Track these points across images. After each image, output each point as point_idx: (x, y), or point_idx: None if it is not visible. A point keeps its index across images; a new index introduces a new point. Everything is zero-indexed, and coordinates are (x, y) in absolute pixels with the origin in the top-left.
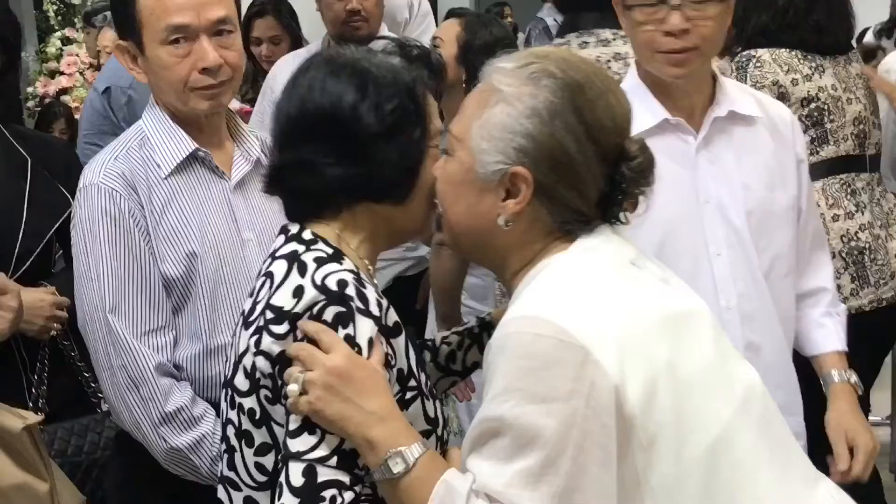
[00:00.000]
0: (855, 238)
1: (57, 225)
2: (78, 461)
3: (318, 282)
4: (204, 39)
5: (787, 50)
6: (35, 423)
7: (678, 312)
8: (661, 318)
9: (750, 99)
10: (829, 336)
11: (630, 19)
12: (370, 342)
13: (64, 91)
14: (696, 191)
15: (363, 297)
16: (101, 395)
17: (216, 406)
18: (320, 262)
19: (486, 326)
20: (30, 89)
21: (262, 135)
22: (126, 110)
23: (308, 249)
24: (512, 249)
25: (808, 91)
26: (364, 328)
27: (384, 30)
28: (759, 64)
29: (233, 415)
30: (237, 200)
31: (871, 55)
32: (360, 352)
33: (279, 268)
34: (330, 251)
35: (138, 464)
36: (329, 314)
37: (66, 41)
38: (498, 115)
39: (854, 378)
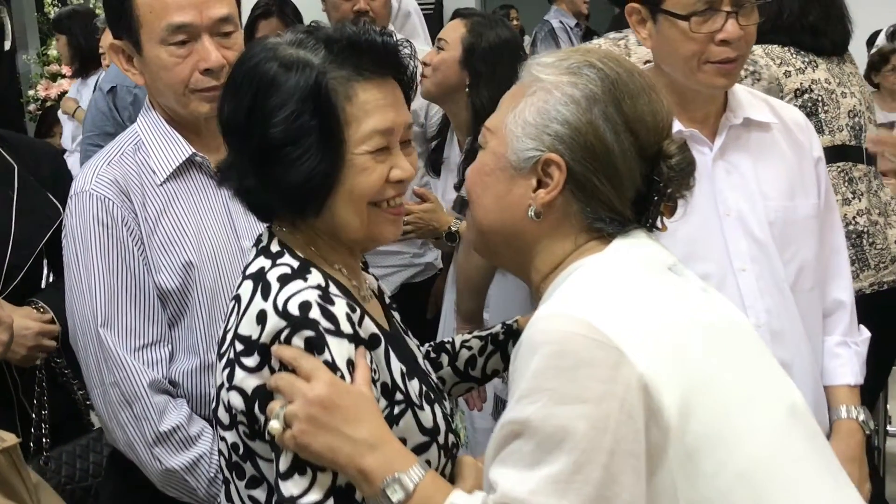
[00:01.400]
0: (853, 222)
1: (48, 235)
2: (86, 486)
3: (280, 306)
4: (206, 39)
5: (780, 46)
6: (14, 445)
7: (720, 323)
8: (702, 328)
9: (763, 105)
10: (842, 367)
11: (674, 29)
12: (350, 363)
13: (65, 94)
14: (716, 204)
15: (330, 317)
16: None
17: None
18: (284, 280)
19: (512, 333)
20: (31, 92)
21: None
22: (132, 109)
23: (273, 265)
24: (541, 247)
25: (801, 83)
26: (340, 350)
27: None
28: (752, 59)
29: (222, 446)
30: (236, 207)
31: (886, 59)
32: (342, 377)
33: (246, 290)
34: (296, 265)
35: (132, 485)
36: (298, 341)
37: None
38: (535, 102)
39: (862, 416)
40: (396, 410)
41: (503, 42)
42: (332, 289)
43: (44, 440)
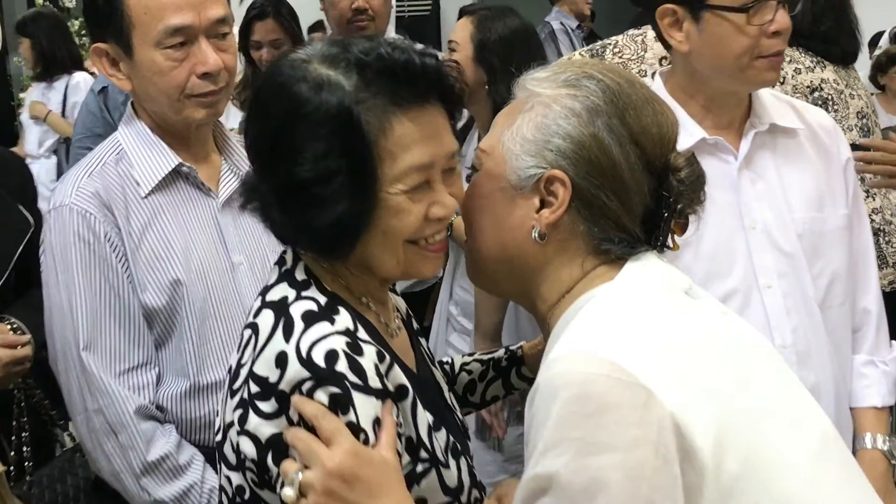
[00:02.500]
0: (869, 220)
1: (20, 249)
2: None
3: (304, 353)
4: (203, 41)
5: (789, 45)
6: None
7: (743, 350)
8: (726, 357)
9: (787, 108)
10: (868, 388)
11: (725, 24)
12: (376, 423)
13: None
14: (741, 216)
15: (358, 370)
16: (61, 437)
17: (205, 449)
18: (309, 319)
19: (516, 360)
20: (22, 95)
21: None
22: (123, 109)
23: (298, 297)
24: (545, 273)
25: (812, 81)
26: (366, 409)
27: (391, 31)
28: None
29: (225, 483)
30: (226, 220)
31: (893, 61)
32: (366, 440)
33: (265, 321)
34: (323, 301)
35: None
36: (322, 396)
37: None
38: (533, 118)
39: (888, 445)
40: (420, 469)
41: (514, 32)
42: (361, 332)
43: (25, 464)
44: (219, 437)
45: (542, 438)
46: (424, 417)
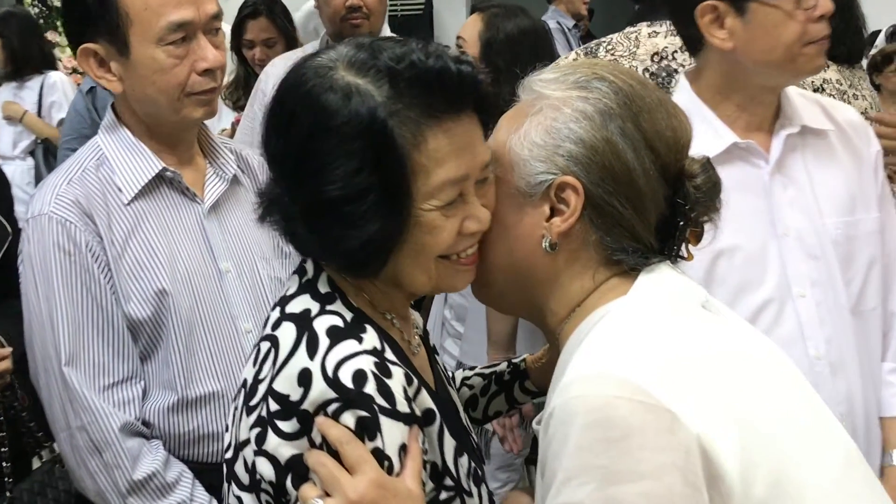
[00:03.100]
0: None
1: None
2: None
3: (330, 372)
4: (202, 37)
5: None
6: None
7: (763, 365)
8: (747, 374)
9: (816, 108)
10: (894, 397)
11: (774, 13)
12: (402, 450)
13: None
14: (773, 223)
15: (387, 393)
16: (41, 448)
17: (194, 465)
18: (335, 336)
19: (519, 374)
20: None
21: (237, 146)
22: None
23: (322, 311)
24: (555, 285)
25: (813, 82)
26: (393, 435)
27: (386, 30)
28: None
29: (233, 500)
30: (212, 226)
31: (889, 59)
32: (390, 467)
33: (287, 335)
34: (349, 317)
35: None
36: (349, 419)
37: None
38: (541, 121)
39: None
40: (444, 496)
41: (522, 32)
42: (388, 352)
43: (6, 479)
44: (229, 455)
45: (561, 467)
46: (451, 443)
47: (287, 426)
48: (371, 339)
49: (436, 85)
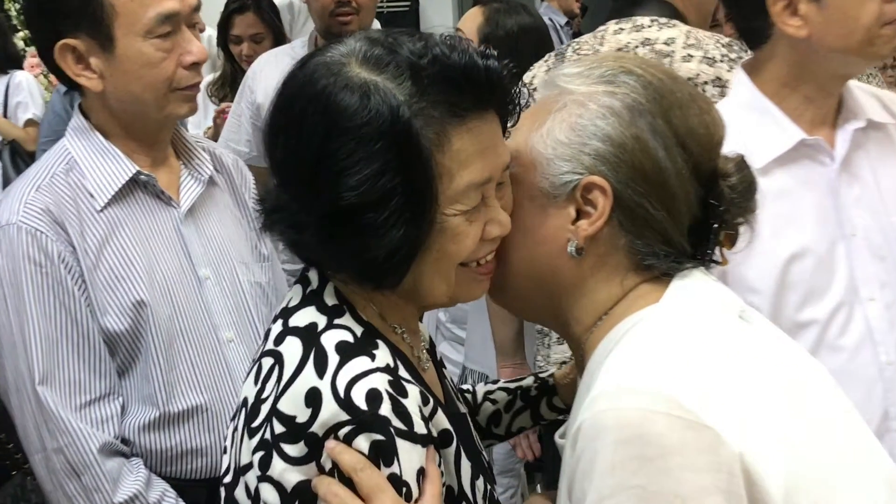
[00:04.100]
0: None
1: None
2: None
3: (342, 392)
4: (186, 30)
5: None
6: None
7: (803, 381)
8: (787, 390)
9: (874, 101)
10: None
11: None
12: (420, 474)
13: None
14: (840, 223)
15: (403, 414)
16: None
17: (176, 483)
18: (346, 353)
19: (546, 389)
20: None
21: (210, 145)
22: None
23: (330, 325)
24: (581, 292)
25: None
26: (411, 458)
27: (375, 26)
28: None
29: None
30: (189, 231)
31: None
32: (408, 494)
33: (292, 351)
34: (359, 331)
35: None
36: (363, 443)
37: (30, 42)
38: (566, 118)
39: None
40: None
41: (522, 30)
42: (402, 370)
43: None
44: (228, 479)
45: (592, 486)
46: (467, 467)
47: (293, 450)
48: (384, 355)
49: (463, 82)
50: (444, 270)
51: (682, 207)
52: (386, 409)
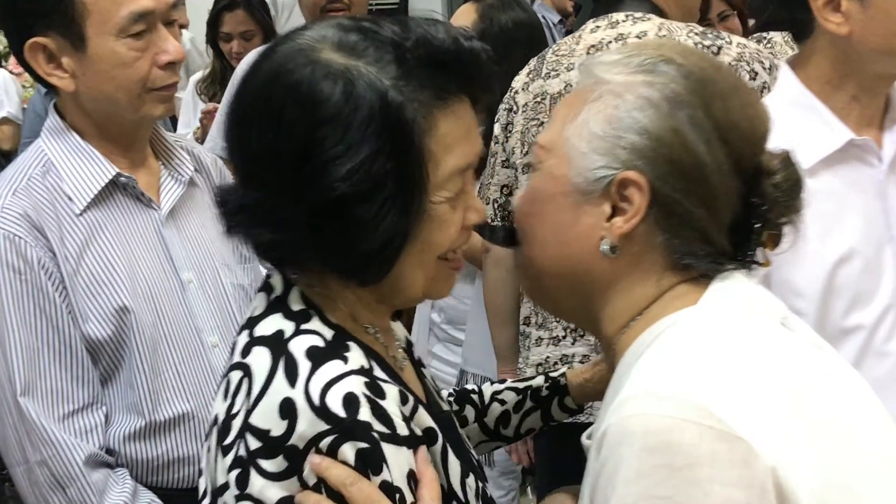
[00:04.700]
0: None
1: None
2: None
3: (317, 400)
4: (162, 28)
5: None
6: None
7: (842, 394)
8: (825, 403)
9: None
10: None
11: None
12: (410, 477)
13: None
14: (888, 225)
15: (383, 416)
16: None
17: (163, 492)
18: (317, 358)
19: (558, 389)
20: None
21: (189, 144)
22: None
23: (298, 331)
24: (614, 291)
25: None
26: (399, 462)
27: None
28: (769, 45)
29: None
30: (170, 233)
31: None
32: (402, 500)
33: (260, 362)
34: (329, 335)
35: None
36: (348, 453)
37: None
38: (601, 109)
39: None
40: None
41: (517, 25)
42: (377, 371)
43: None
44: (206, 500)
45: (616, 494)
46: (456, 465)
47: (272, 465)
48: (357, 357)
49: (450, 63)
50: (427, 262)
51: (722, 205)
52: (365, 414)
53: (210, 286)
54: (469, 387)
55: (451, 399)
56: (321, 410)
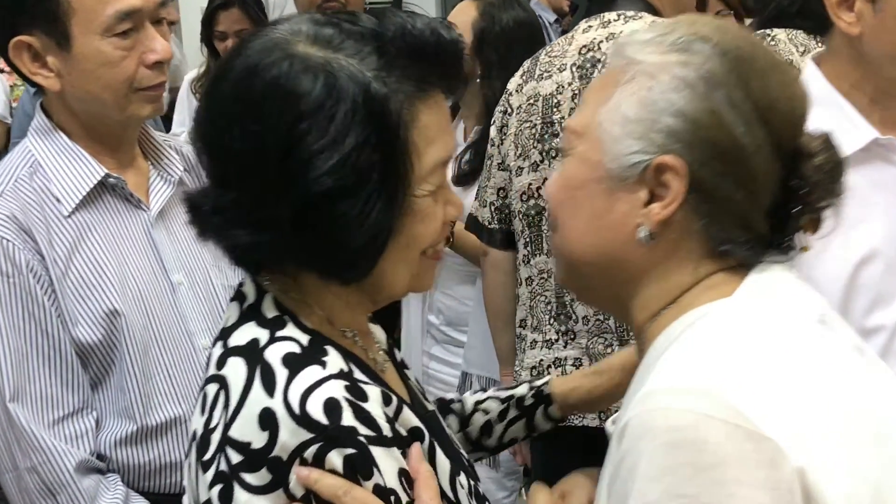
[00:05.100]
0: None
1: None
2: None
3: (296, 407)
4: (149, 27)
5: (806, 32)
6: None
7: (879, 398)
8: (864, 409)
9: None
10: None
11: None
12: (402, 476)
13: None
14: None
15: (367, 419)
16: None
17: (155, 498)
18: (294, 365)
19: (542, 398)
20: None
21: (179, 143)
22: None
23: (273, 338)
24: (649, 278)
25: None
26: (389, 464)
27: None
28: (773, 43)
29: None
30: (160, 235)
31: None
32: (397, 500)
33: (235, 373)
34: (305, 340)
35: None
36: (335, 461)
37: None
38: (635, 91)
39: None
40: None
41: (518, 25)
42: (358, 373)
43: None
44: None
45: (636, 489)
46: (445, 463)
47: (256, 479)
48: (335, 360)
49: (432, 55)
50: (411, 257)
51: (762, 188)
52: (349, 419)
53: (201, 288)
54: (450, 396)
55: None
56: (302, 419)
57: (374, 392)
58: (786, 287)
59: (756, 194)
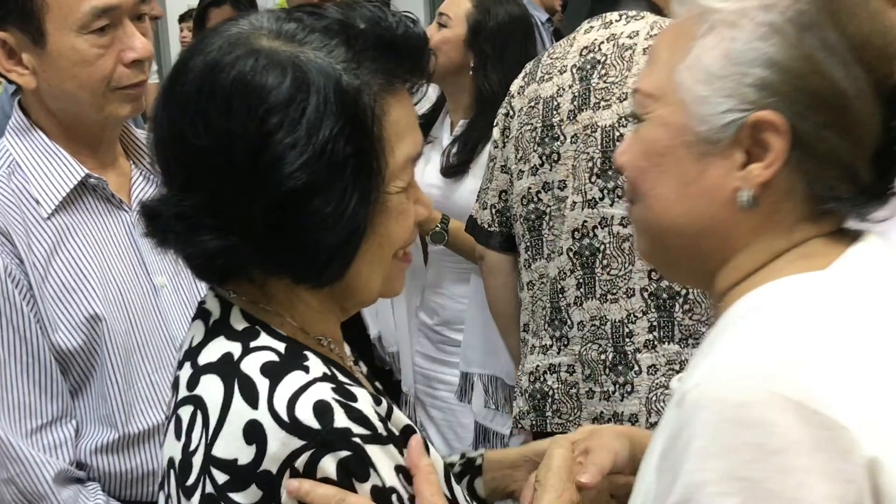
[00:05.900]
0: None
1: None
2: None
3: (285, 416)
4: (128, 24)
5: None
6: None
7: None
8: None
9: None
10: None
11: None
12: (399, 472)
13: None
14: None
15: (360, 418)
16: None
17: None
18: (274, 374)
19: (471, 469)
20: None
21: None
22: None
23: (247, 350)
24: (742, 245)
25: None
26: (385, 462)
27: None
28: None
29: None
30: (142, 237)
31: None
32: (399, 498)
33: (211, 390)
34: (282, 347)
35: None
36: (328, 467)
37: None
38: (716, 44)
39: None
40: None
41: (513, 19)
42: (341, 377)
43: None
44: None
45: (689, 465)
46: (439, 460)
47: (244, 497)
48: (317, 365)
49: (402, 48)
50: (384, 258)
51: (866, 134)
52: (342, 419)
53: (184, 291)
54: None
55: None
56: (292, 426)
57: (362, 392)
58: (885, 267)
59: (861, 141)
